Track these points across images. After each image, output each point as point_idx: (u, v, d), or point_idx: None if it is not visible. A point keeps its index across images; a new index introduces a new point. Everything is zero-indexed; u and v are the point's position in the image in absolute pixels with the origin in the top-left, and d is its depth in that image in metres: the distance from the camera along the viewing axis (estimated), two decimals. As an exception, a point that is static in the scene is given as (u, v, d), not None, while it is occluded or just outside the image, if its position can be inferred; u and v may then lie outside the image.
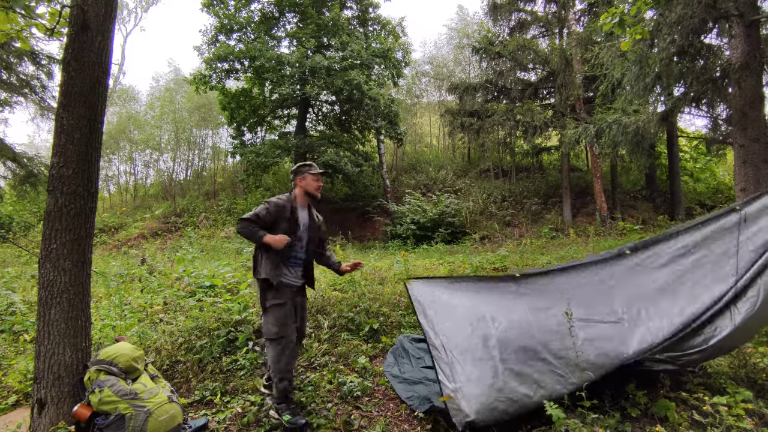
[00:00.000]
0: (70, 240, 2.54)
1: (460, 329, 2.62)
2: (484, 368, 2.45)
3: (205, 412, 2.91)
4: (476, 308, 2.72)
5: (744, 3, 6.48)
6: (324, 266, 3.18)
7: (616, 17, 4.09)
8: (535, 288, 2.87)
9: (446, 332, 2.60)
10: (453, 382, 2.44)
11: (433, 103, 23.79)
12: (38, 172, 9.14)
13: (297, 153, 14.58)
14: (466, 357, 2.50)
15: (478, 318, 2.65)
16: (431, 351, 2.57)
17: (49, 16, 2.99)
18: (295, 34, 15.11)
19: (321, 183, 2.99)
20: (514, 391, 2.39)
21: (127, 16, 28.29)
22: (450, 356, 2.52)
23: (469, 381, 2.41)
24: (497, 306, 2.74)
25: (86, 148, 2.60)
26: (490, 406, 2.32)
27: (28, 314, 4.86)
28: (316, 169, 2.96)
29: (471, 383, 2.40)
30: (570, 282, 2.90)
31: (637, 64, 7.64)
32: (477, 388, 2.38)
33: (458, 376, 2.45)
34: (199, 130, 23.56)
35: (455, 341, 2.57)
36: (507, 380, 2.41)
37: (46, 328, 2.50)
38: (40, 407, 2.45)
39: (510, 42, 14.40)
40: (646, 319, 2.67)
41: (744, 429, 2.35)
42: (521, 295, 2.82)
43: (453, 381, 2.44)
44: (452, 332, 2.60)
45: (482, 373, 2.44)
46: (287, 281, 2.84)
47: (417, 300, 2.74)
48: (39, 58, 8.99)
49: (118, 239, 15.07)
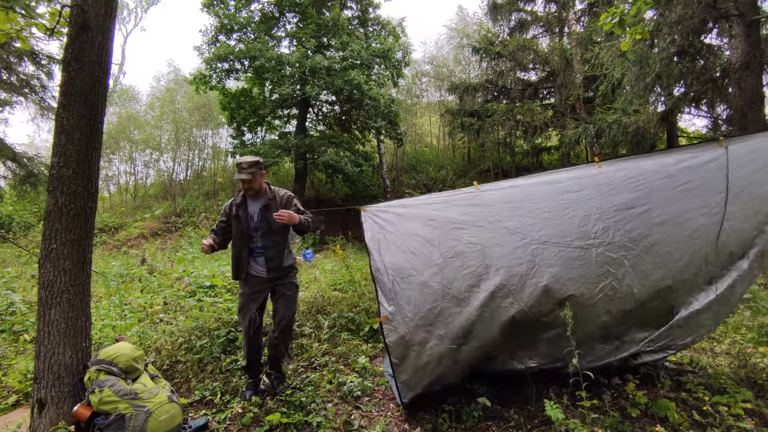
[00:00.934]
0: (70, 240, 2.54)
1: (405, 254, 2.58)
2: (424, 292, 2.50)
3: (205, 412, 2.91)
4: (427, 231, 2.60)
5: (744, 3, 6.48)
6: (304, 231, 3.10)
7: (616, 17, 4.08)
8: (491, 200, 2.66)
9: (390, 255, 2.59)
10: (393, 305, 2.51)
11: (433, 103, 23.76)
12: (38, 172, 9.14)
13: (297, 153, 14.57)
14: (407, 281, 2.53)
15: (427, 241, 2.57)
16: (372, 273, 2.59)
17: (49, 16, 2.99)
18: (295, 34, 15.10)
19: (241, 179, 2.97)
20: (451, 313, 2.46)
21: (127, 16, 28.31)
22: (391, 279, 2.55)
23: (408, 304, 2.49)
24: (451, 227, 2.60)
25: (86, 148, 2.60)
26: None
27: (28, 314, 4.86)
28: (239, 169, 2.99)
29: (410, 306, 2.48)
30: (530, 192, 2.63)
31: (637, 64, 7.64)
32: (414, 311, 2.48)
33: (399, 299, 2.51)
34: (199, 130, 23.54)
35: (398, 265, 2.56)
36: (446, 305, 2.46)
37: (46, 328, 2.50)
38: (40, 407, 2.45)
39: (510, 42, 14.39)
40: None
41: (744, 429, 2.36)
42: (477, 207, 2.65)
43: (393, 304, 2.51)
44: (396, 256, 2.58)
45: (422, 297, 2.49)
46: (254, 272, 3.03)
47: (369, 224, 2.67)
48: (39, 58, 8.99)
49: (118, 239, 15.07)
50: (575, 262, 2.45)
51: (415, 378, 2.60)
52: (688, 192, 2.55)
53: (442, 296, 2.48)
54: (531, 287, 2.42)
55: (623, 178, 2.56)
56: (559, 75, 13.47)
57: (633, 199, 2.52)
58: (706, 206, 2.56)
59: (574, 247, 2.45)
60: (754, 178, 2.60)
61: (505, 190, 2.66)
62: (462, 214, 2.59)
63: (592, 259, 2.45)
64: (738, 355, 3.35)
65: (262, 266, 3.02)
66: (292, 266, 3.17)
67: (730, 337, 4.02)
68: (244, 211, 3.06)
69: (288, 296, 3.09)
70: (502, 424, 2.61)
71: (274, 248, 3.02)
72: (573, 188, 2.55)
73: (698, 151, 2.63)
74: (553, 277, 2.41)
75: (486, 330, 2.48)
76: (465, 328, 2.47)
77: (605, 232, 2.47)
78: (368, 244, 2.62)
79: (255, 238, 3.04)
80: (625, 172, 2.58)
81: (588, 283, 2.46)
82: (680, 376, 3.13)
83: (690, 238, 2.54)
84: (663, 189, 2.53)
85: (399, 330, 2.52)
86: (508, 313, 2.44)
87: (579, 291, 2.44)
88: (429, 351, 2.52)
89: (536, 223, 2.50)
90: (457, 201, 2.67)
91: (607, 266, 2.46)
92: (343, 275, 5.77)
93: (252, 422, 2.75)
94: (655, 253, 2.51)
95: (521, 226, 2.51)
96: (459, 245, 2.52)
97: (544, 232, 2.48)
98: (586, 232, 2.47)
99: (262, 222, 3.03)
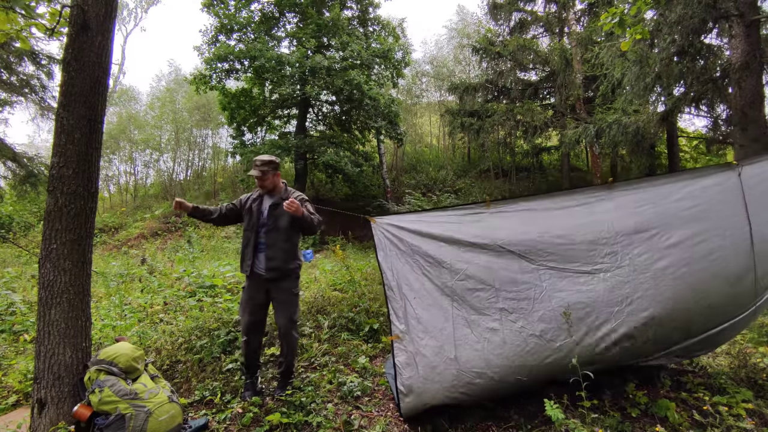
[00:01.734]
0: (70, 240, 2.53)
1: (417, 275, 2.57)
2: (435, 313, 2.50)
3: (205, 412, 2.91)
4: (439, 252, 2.60)
5: (744, 3, 6.48)
6: (309, 230, 3.09)
7: (616, 17, 4.08)
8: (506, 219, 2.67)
9: (404, 274, 2.57)
10: (403, 324, 2.50)
11: (433, 103, 23.77)
12: (38, 172, 9.14)
13: (297, 153, 14.57)
14: (419, 301, 2.53)
15: (438, 263, 2.56)
16: (386, 291, 2.57)
17: (49, 16, 2.99)
18: (295, 34, 15.10)
19: (253, 175, 3.08)
20: (466, 337, 2.45)
21: (127, 16, 28.28)
22: (403, 297, 2.54)
23: (419, 323, 2.49)
24: (463, 248, 2.60)
25: (86, 148, 2.60)
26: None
27: (28, 314, 4.86)
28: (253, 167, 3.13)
29: (420, 326, 2.48)
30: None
31: (637, 64, 7.64)
32: (424, 330, 2.47)
33: (409, 318, 2.50)
34: (199, 130, 23.55)
35: (410, 285, 2.55)
36: (457, 326, 2.47)
37: (47, 328, 2.49)
38: (41, 407, 2.45)
39: (510, 42, 14.39)
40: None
41: (744, 429, 2.36)
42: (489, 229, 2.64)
43: (403, 323, 2.50)
44: (409, 276, 2.56)
45: (433, 317, 2.49)
46: (256, 269, 3.04)
47: (380, 239, 2.65)
48: (39, 58, 8.98)
49: (118, 239, 15.07)
50: (583, 286, 2.47)
51: (422, 400, 2.54)
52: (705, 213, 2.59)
53: (453, 318, 2.48)
54: (540, 311, 2.45)
55: (633, 200, 2.60)
56: (559, 75, 13.47)
57: (642, 222, 2.55)
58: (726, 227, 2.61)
59: (580, 273, 2.49)
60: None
61: (517, 214, 2.65)
62: (473, 237, 2.58)
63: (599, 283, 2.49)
64: (738, 355, 3.35)
65: (263, 263, 3.03)
66: (294, 270, 3.10)
67: (730, 337, 4.02)
68: (258, 206, 3.12)
69: (282, 302, 3.04)
70: (502, 424, 2.61)
71: (275, 247, 3.02)
72: (583, 215, 2.59)
73: (711, 174, 2.70)
74: (562, 300, 2.45)
75: (497, 355, 2.47)
76: (475, 349, 2.46)
77: (613, 257, 2.50)
78: (381, 263, 2.61)
79: (261, 233, 3.07)
80: (636, 195, 2.62)
81: (599, 305, 2.47)
82: (680, 376, 3.14)
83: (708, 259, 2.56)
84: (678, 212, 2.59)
85: (409, 349, 2.51)
86: (521, 336, 2.45)
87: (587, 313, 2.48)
88: (439, 372, 2.47)
89: (546, 248, 2.53)
90: (469, 221, 2.65)
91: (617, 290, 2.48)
92: (343, 275, 5.76)
93: (252, 422, 2.75)
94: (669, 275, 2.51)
95: (530, 251, 2.52)
96: (470, 268, 2.53)
97: (552, 258, 2.51)
98: (592, 258, 2.51)
99: (269, 218, 3.06)
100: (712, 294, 2.59)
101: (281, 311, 3.05)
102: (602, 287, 2.47)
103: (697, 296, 2.55)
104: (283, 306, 3.05)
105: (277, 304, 3.07)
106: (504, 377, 2.45)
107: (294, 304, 3.10)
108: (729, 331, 2.82)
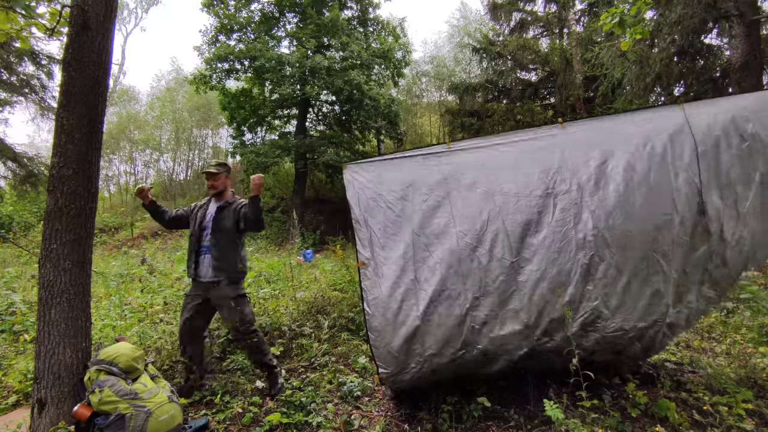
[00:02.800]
0: (71, 240, 2.53)
1: (384, 209, 2.72)
2: (398, 240, 2.65)
3: (205, 412, 2.91)
4: (402, 187, 2.76)
5: (744, 3, 6.48)
6: (255, 219, 3.08)
7: (616, 17, 4.08)
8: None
9: (370, 209, 2.73)
10: (368, 251, 2.67)
11: (433, 103, 23.77)
12: (38, 172, 9.15)
13: (297, 153, 14.57)
14: (383, 231, 2.68)
15: (402, 197, 2.73)
16: (354, 225, 2.73)
17: (50, 15, 2.99)
18: (295, 34, 15.09)
19: (207, 171, 3.21)
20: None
21: (128, 16, 28.31)
22: (369, 229, 2.70)
23: (382, 250, 2.65)
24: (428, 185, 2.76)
25: (86, 148, 2.60)
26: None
27: (28, 314, 4.86)
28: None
29: (384, 252, 2.64)
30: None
31: (637, 64, 7.65)
32: (386, 256, 2.63)
33: (374, 247, 2.66)
34: (200, 130, 23.57)
35: (376, 218, 2.70)
36: (418, 250, 2.63)
37: (47, 328, 2.49)
38: (41, 407, 2.45)
39: (510, 42, 14.39)
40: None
41: (744, 429, 2.36)
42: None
43: (369, 251, 2.67)
44: (375, 211, 2.72)
45: (396, 243, 2.65)
46: (199, 274, 3.07)
47: (349, 181, 2.79)
48: (39, 58, 8.99)
49: (118, 239, 15.08)
50: (534, 208, 2.64)
51: (387, 317, 2.62)
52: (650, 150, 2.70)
53: (413, 245, 2.64)
54: (492, 233, 2.62)
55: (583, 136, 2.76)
56: (559, 75, 13.46)
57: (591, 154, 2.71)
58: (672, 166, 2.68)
59: (535, 197, 2.65)
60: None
61: (477, 150, 2.84)
62: (434, 173, 2.76)
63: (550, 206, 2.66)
64: (738, 355, 3.35)
65: (208, 266, 3.04)
66: (238, 275, 3.09)
67: (730, 337, 4.02)
68: (203, 212, 3.21)
69: (228, 307, 3.01)
70: (502, 424, 2.61)
71: (218, 247, 3.05)
72: (536, 147, 2.77)
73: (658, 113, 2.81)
74: (514, 222, 2.63)
75: (454, 275, 2.59)
76: (432, 269, 2.60)
77: (562, 183, 2.67)
78: (350, 201, 2.76)
79: (205, 237, 3.10)
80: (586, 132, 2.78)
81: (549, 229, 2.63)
82: (680, 376, 3.14)
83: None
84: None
85: (373, 273, 2.66)
86: (476, 255, 2.59)
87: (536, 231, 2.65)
88: (400, 295, 2.59)
89: (500, 178, 2.71)
90: (431, 159, 2.82)
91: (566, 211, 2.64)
92: (343, 275, 5.76)
93: (252, 422, 2.75)
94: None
95: (486, 182, 2.70)
96: (430, 200, 2.70)
97: (507, 185, 2.68)
98: (545, 183, 2.68)
99: (215, 222, 3.11)
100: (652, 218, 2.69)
101: (229, 316, 3.03)
102: (555, 209, 2.64)
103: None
104: (230, 311, 3.01)
105: (222, 310, 3.05)
106: (462, 293, 2.59)
107: (242, 305, 3.06)
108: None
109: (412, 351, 2.58)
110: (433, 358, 2.58)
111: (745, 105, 2.81)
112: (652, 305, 2.66)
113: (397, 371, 2.62)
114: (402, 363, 2.60)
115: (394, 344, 2.57)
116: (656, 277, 2.63)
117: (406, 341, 2.56)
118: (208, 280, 3.04)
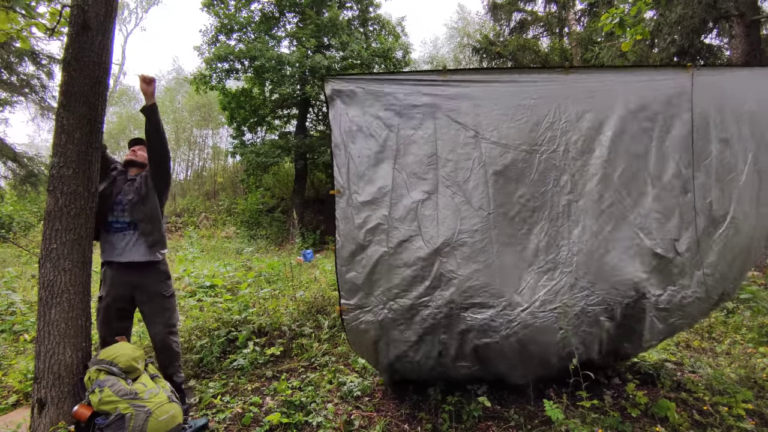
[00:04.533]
0: (71, 240, 2.53)
1: (366, 137, 2.59)
2: (377, 171, 2.55)
3: (205, 412, 2.91)
4: (388, 115, 2.61)
5: (744, 3, 6.48)
6: (158, 149, 2.99)
7: (617, 18, 4.09)
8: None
9: (351, 134, 2.59)
10: (344, 179, 2.56)
11: (433, 103, 23.72)
12: (38, 172, 9.15)
13: (297, 153, 14.57)
14: (362, 160, 2.57)
15: (387, 126, 2.59)
16: (332, 149, 2.60)
17: (50, 15, 2.99)
18: (295, 34, 15.10)
19: (136, 150, 3.11)
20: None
21: (128, 16, 28.32)
22: (347, 155, 2.57)
23: (360, 180, 2.55)
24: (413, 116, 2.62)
25: (87, 147, 2.60)
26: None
27: (28, 314, 4.86)
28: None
29: (361, 183, 2.55)
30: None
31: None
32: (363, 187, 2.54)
33: (351, 175, 2.56)
34: (200, 130, 23.55)
35: (356, 143, 2.58)
36: (396, 187, 2.54)
37: (47, 328, 2.49)
38: (40, 407, 2.45)
39: (510, 42, 14.39)
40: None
41: (744, 429, 2.36)
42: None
43: (345, 178, 2.56)
44: (356, 135, 2.59)
45: (375, 175, 2.55)
46: (111, 258, 2.71)
47: (332, 98, 2.61)
48: (39, 58, 8.99)
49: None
50: (519, 164, 2.57)
51: (357, 262, 2.55)
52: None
53: (393, 180, 2.55)
54: (474, 181, 2.54)
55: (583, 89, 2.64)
56: (559, 75, 13.45)
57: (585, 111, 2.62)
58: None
59: (522, 151, 2.57)
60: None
61: (469, 87, 2.66)
62: (423, 104, 2.60)
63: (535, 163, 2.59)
64: (738, 355, 3.35)
65: (123, 245, 2.71)
66: (162, 260, 2.83)
67: (730, 337, 4.02)
68: (122, 181, 2.88)
69: (154, 305, 2.75)
70: (502, 424, 2.61)
71: (141, 220, 2.74)
72: (533, 95, 2.63)
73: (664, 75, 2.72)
74: (496, 174, 2.55)
75: (429, 218, 2.53)
76: (408, 209, 2.53)
77: (552, 141, 2.59)
78: (331, 121, 2.61)
79: (116, 210, 2.76)
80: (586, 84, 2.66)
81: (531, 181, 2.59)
82: (680, 376, 3.14)
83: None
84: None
85: (347, 201, 2.57)
86: (454, 201, 2.53)
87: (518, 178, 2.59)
88: (371, 229, 2.52)
89: (490, 123, 2.59)
90: (424, 88, 2.64)
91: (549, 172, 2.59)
92: (343, 275, 5.75)
93: (252, 422, 2.75)
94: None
95: (476, 125, 2.58)
96: (415, 135, 2.59)
97: (495, 132, 2.57)
98: (534, 139, 2.59)
99: (125, 195, 2.79)
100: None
101: (155, 317, 2.76)
102: (538, 167, 2.58)
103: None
104: (158, 311, 2.76)
105: (148, 308, 2.77)
106: (434, 236, 2.52)
107: (170, 307, 2.82)
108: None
109: (376, 284, 2.53)
110: (397, 298, 2.52)
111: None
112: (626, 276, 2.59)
113: (359, 304, 2.56)
114: (364, 297, 2.55)
115: (359, 275, 2.52)
116: (633, 250, 2.59)
117: (370, 273, 2.51)
118: (130, 260, 2.75)
